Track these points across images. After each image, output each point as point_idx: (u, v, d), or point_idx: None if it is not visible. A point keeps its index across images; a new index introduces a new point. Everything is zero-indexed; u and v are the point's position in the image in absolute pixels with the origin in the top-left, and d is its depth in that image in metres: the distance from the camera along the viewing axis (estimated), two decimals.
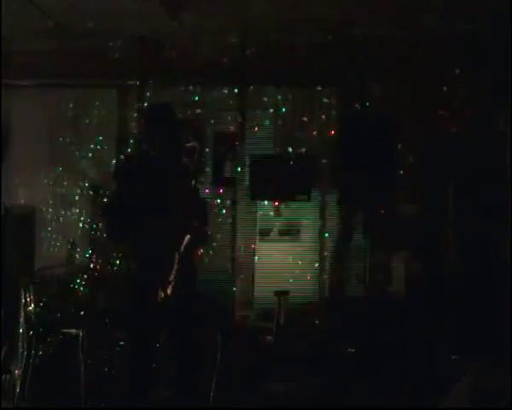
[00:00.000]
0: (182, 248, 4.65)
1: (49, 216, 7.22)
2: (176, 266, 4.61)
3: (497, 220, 6.41)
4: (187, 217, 4.75)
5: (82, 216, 7.24)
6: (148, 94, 7.15)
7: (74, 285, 6.70)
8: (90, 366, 5.86)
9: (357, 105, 6.96)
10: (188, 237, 4.69)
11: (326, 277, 7.10)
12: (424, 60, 6.74)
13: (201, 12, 6.28)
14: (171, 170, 4.83)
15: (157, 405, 5.04)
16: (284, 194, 7.16)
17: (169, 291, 4.57)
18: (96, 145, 7.24)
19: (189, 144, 5.44)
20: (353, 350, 6.16)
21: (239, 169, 7.16)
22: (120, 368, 5.84)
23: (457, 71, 6.71)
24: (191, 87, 7.17)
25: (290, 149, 7.18)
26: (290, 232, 7.19)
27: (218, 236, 7.03)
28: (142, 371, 4.73)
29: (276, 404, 5.69)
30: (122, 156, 7.02)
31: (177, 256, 4.62)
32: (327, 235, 7.13)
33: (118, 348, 6.03)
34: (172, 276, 4.59)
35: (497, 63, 6.45)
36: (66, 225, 7.22)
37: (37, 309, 6.11)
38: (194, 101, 7.16)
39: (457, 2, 5.90)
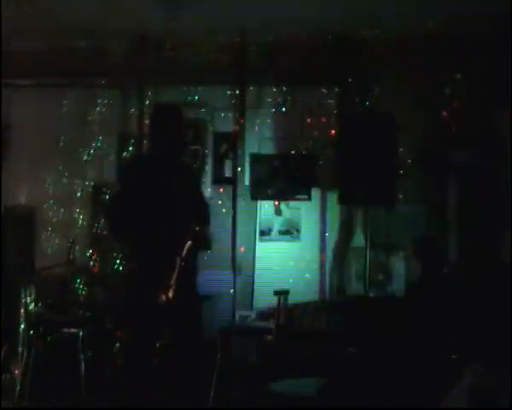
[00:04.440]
0: (184, 254, 4.65)
1: (49, 216, 7.21)
2: (177, 271, 4.60)
3: (498, 222, 6.42)
4: (190, 220, 4.74)
5: (82, 216, 7.23)
6: (148, 94, 7.16)
7: (74, 285, 6.71)
8: (90, 365, 5.87)
9: (357, 105, 6.97)
10: (189, 243, 4.68)
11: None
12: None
13: (201, 11, 6.29)
14: (175, 171, 4.83)
15: (157, 405, 5.04)
16: (284, 193, 7.16)
17: (170, 295, 4.56)
18: (96, 145, 7.24)
19: (193, 147, 5.44)
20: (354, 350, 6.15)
21: (239, 169, 7.16)
22: (120, 368, 5.84)
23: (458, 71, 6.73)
24: (191, 87, 7.17)
25: (290, 149, 7.19)
26: (290, 232, 7.18)
27: (218, 235, 7.02)
28: (141, 371, 4.73)
29: (276, 404, 5.68)
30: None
31: (178, 261, 4.61)
32: (327, 235, 7.13)
33: (117, 348, 6.04)
34: (173, 280, 4.58)
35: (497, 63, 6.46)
36: (66, 225, 7.21)
37: (37, 309, 6.12)
38: (195, 101, 7.16)
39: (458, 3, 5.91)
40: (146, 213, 4.69)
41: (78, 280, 6.76)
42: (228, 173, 7.22)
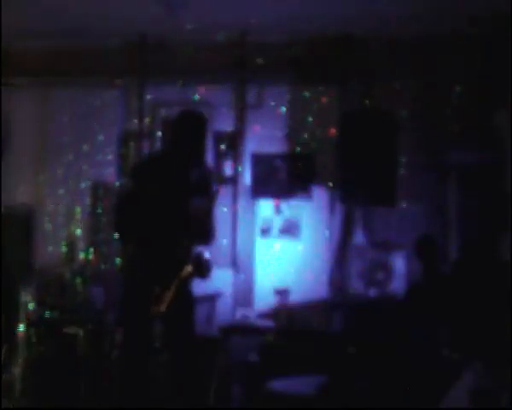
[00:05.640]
0: (182, 275, 4.63)
1: (49, 216, 7.22)
2: (173, 290, 4.59)
3: (498, 220, 6.42)
4: (193, 238, 4.71)
5: (82, 215, 7.23)
6: (148, 93, 7.17)
7: (74, 285, 6.71)
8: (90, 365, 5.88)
9: (357, 104, 6.98)
10: (190, 267, 4.67)
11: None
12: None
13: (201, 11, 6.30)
14: (193, 182, 4.79)
15: (157, 405, 5.05)
16: (285, 192, 7.16)
17: (162, 308, 4.56)
18: (96, 144, 7.25)
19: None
20: (354, 350, 6.16)
21: (239, 168, 7.16)
22: (120, 368, 5.84)
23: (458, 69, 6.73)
24: (191, 86, 7.18)
25: (290, 148, 7.19)
26: (290, 231, 7.18)
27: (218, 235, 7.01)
28: (140, 371, 4.73)
29: (276, 404, 5.68)
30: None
31: (176, 281, 4.61)
32: (327, 233, 7.13)
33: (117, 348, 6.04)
34: (167, 297, 4.57)
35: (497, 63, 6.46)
36: (66, 224, 7.22)
37: (38, 309, 6.12)
38: (195, 100, 7.16)
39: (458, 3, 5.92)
40: (153, 216, 4.66)
41: (78, 280, 6.76)
42: (228, 173, 7.23)
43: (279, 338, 6.33)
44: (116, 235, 5.09)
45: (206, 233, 4.83)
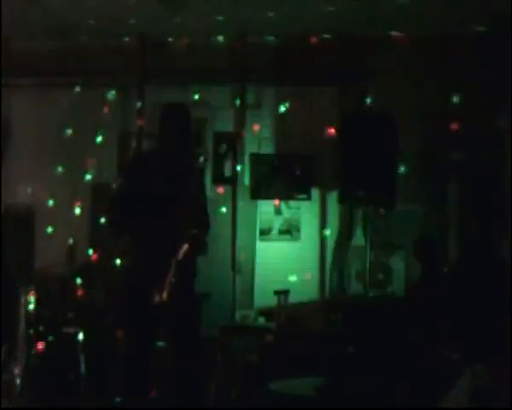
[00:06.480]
0: (179, 256, 4.61)
1: (49, 215, 7.21)
2: (172, 272, 4.57)
3: (497, 220, 6.42)
4: (189, 224, 4.70)
5: (82, 215, 7.23)
6: (147, 93, 7.17)
7: (74, 285, 6.71)
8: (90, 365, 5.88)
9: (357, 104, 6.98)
10: (186, 246, 4.65)
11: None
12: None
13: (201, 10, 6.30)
14: (181, 171, 4.79)
15: (156, 405, 5.05)
16: (284, 193, 7.16)
17: (164, 296, 4.53)
18: (96, 144, 7.24)
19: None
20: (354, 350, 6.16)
21: (239, 168, 7.16)
22: (120, 368, 5.84)
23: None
24: (191, 87, 7.18)
25: (290, 149, 7.19)
26: (290, 232, 7.18)
27: (218, 235, 7.02)
28: (140, 371, 4.72)
29: (276, 404, 5.68)
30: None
31: (173, 262, 4.58)
32: (327, 234, 7.13)
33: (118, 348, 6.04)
34: (168, 281, 4.55)
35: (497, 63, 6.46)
36: (66, 224, 7.21)
37: (37, 309, 6.11)
38: (195, 100, 7.15)
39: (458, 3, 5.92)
40: (146, 211, 4.67)
41: (78, 280, 6.76)
42: (228, 173, 7.23)
43: (279, 338, 6.33)
44: (111, 232, 5.09)
45: (199, 226, 4.83)
